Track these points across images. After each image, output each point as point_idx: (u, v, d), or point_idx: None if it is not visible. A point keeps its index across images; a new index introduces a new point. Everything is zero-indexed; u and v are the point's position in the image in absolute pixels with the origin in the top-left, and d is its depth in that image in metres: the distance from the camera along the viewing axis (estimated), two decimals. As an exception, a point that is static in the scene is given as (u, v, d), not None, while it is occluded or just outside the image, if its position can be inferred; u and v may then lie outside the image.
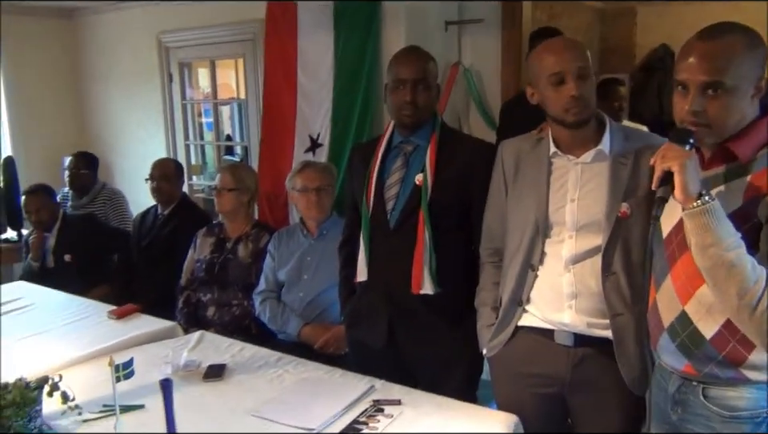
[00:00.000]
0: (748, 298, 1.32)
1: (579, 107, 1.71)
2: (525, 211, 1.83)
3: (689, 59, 1.44)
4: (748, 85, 1.42)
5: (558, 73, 1.71)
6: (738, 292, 1.33)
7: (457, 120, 3.63)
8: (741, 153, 1.44)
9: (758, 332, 1.35)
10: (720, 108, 1.42)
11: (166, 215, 3.57)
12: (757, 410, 1.45)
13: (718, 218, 1.35)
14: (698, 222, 1.37)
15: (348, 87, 3.45)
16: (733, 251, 1.34)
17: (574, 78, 1.69)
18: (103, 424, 1.76)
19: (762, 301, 1.31)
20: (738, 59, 1.40)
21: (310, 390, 1.96)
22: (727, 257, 1.33)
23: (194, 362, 2.14)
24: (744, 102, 1.43)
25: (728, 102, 1.41)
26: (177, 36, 4.43)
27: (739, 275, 1.32)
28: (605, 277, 1.73)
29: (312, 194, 2.78)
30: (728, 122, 1.43)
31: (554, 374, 1.82)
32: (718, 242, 1.34)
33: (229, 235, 3.11)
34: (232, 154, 6.09)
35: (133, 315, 2.64)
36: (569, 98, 1.70)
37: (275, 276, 2.86)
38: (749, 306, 1.32)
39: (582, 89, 1.69)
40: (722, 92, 1.41)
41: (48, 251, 3.67)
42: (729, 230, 1.36)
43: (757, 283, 1.31)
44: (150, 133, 4.76)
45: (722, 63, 1.40)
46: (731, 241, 1.35)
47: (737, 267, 1.33)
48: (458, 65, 3.56)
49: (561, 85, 1.71)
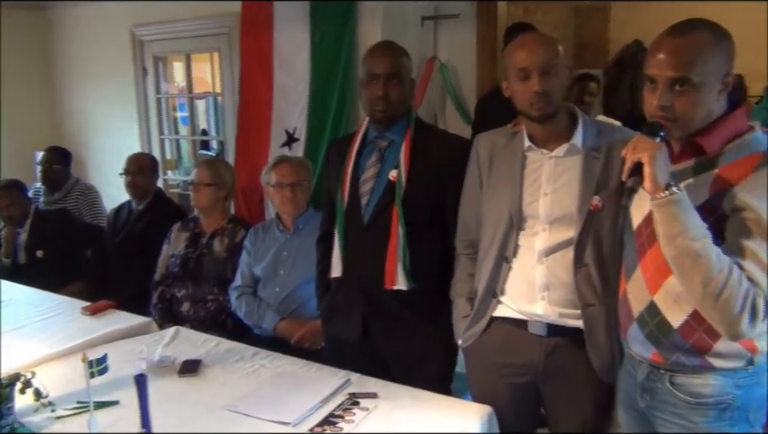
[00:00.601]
0: (712, 286, 1.35)
1: (542, 102, 1.74)
2: (499, 205, 1.86)
3: (657, 55, 1.47)
4: (714, 81, 1.45)
5: (524, 68, 1.74)
6: (703, 281, 1.36)
7: (433, 115, 3.64)
8: (708, 147, 1.48)
9: (721, 320, 1.39)
10: (687, 103, 1.45)
11: (140, 210, 3.54)
12: (721, 396, 1.49)
13: (685, 208, 1.39)
14: (665, 212, 1.40)
15: (324, 82, 3.45)
16: (698, 241, 1.37)
17: (538, 74, 1.72)
18: (77, 421, 1.74)
19: (725, 290, 1.34)
20: (704, 55, 1.43)
21: (286, 384, 1.96)
22: (693, 247, 1.37)
23: (169, 358, 2.13)
24: (711, 98, 1.46)
25: (695, 97, 1.44)
26: (151, 29, 4.38)
27: (704, 264, 1.36)
28: (576, 269, 1.76)
29: (287, 189, 2.77)
30: (695, 116, 1.46)
31: (528, 363, 1.85)
32: (684, 232, 1.38)
33: (204, 229, 3.09)
34: (208, 148, 6.06)
35: (107, 311, 2.62)
36: (532, 93, 1.73)
37: (251, 271, 2.86)
38: (713, 294, 1.36)
39: (545, 85, 1.72)
40: (688, 87, 1.44)
41: (20, 247, 3.62)
42: (695, 220, 1.39)
43: (721, 272, 1.35)
44: (124, 127, 4.71)
45: (689, 59, 1.43)
46: (697, 231, 1.38)
47: (702, 257, 1.36)
48: (434, 60, 3.57)
49: (526, 80, 1.74)
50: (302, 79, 3.53)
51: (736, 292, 1.34)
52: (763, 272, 1.36)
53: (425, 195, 2.09)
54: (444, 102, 3.68)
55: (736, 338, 1.42)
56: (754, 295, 1.35)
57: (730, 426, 1.50)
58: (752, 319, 1.35)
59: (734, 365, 1.49)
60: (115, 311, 2.63)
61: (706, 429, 1.51)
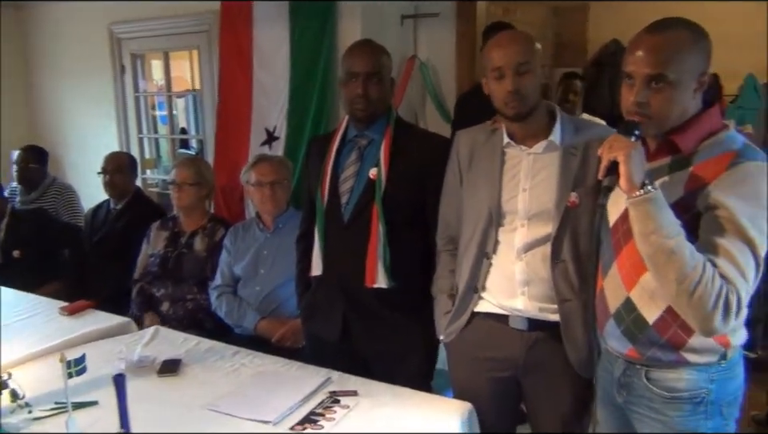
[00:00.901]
0: (686, 283, 1.37)
1: (516, 102, 1.76)
2: (479, 201, 1.88)
3: (636, 52, 1.49)
4: (690, 79, 1.47)
5: (499, 68, 1.76)
6: (677, 278, 1.38)
7: (413, 113, 3.65)
8: (683, 145, 1.50)
9: (695, 317, 1.41)
10: (662, 100, 1.47)
11: (119, 210, 3.51)
12: (696, 391, 1.52)
13: (660, 206, 1.41)
14: (640, 210, 1.42)
15: (304, 80, 3.44)
16: (673, 239, 1.39)
17: (512, 74, 1.74)
18: (55, 422, 1.73)
19: (699, 287, 1.36)
20: (681, 53, 1.45)
21: (266, 383, 1.96)
22: (667, 244, 1.39)
23: (149, 357, 2.12)
24: (686, 96, 1.48)
25: (670, 94, 1.46)
26: (129, 27, 4.34)
27: (678, 261, 1.38)
28: (554, 264, 1.79)
29: (266, 188, 2.77)
30: (670, 114, 1.48)
31: (509, 357, 1.87)
32: (658, 229, 1.40)
33: (183, 229, 3.08)
34: (187, 147, 6.01)
35: (85, 311, 2.59)
36: (506, 92, 1.75)
37: (231, 271, 2.85)
38: (687, 291, 1.38)
39: (519, 84, 1.74)
40: (664, 85, 1.46)
41: (-4, 247, 3.57)
42: (670, 218, 1.41)
43: (695, 269, 1.37)
44: (102, 125, 4.66)
45: (666, 57, 1.45)
46: (671, 229, 1.40)
47: (676, 254, 1.38)
48: (414, 59, 3.58)
49: (501, 79, 1.76)
50: (282, 77, 3.52)
51: (709, 289, 1.36)
52: (736, 270, 1.38)
53: (405, 194, 2.10)
54: (424, 101, 3.69)
55: (709, 334, 1.44)
56: (726, 292, 1.37)
57: (704, 420, 1.53)
58: (725, 316, 1.37)
59: (708, 360, 1.51)
60: (93, 311, 2.61)
61: (681, 423, 1.54)
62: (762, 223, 1.39)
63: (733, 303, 1.37)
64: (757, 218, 1.39)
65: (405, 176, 2.09)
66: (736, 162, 1.42)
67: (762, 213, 1.39)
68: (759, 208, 1.39)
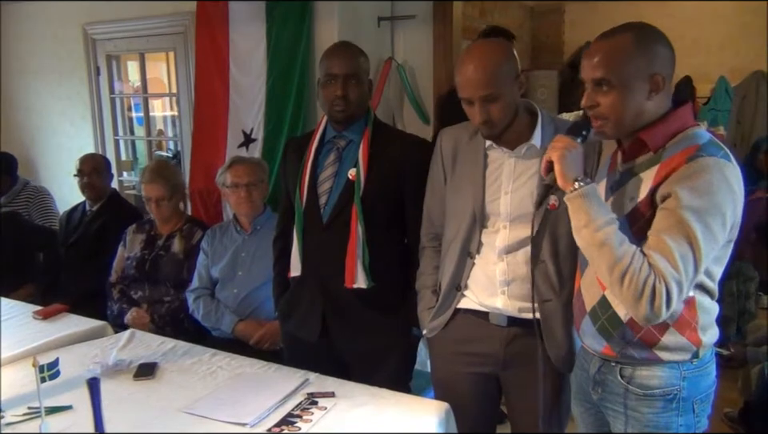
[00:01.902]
0: (615, 272, 1.42)
1: (488, 128, 1.79)
2: (463, 201, 1.90)
3: (585, 59, 1.54)
4: (639, 81, 1.49)
5: (467, 98, 1.78)
6: (608, 267, 1.43)
7: (390, 115, 3.66)
8: (650, 142, 1.53)
9: (627, 304, 1.45)
10: (610, 103, 1.51)
11: (94, 211, 3.48)
12: (668, 388, 1.54)
13: (591, 200, 1.48)
14: (574, 205, 1.50)
15: (281, 81, 3.43)
16: (602, 230, 1.45)
17: (480, 104, 1.75)
18: (28, 426, 1.71)
19: (626, 276, 1.41)
20: (623, 57, 1.48)
21: (243, 385, 1.95)
22: (598, 236, 1.45)
23: (124, 361, 2.10)
24: (638, 98, 1.50)
25: (617, 97, 1.50)
26: (104, 27, 4.29)
27: (607, 252, 1.43)
28: (534, 265, 1.81)
29: (242, 190, 2.76)
30: (622, 115, 1.52)
31: (489, 352, 1.90)
32: (590, 222, 1.46)
33: (160, 231, 3.06)
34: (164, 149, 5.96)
35: (60, 314, 2.57)
36: (478, 120, 1.78)
37: (209, 273, 2.83)
38: (617, 280, 1.42)
39: (487, 114, 1.75)
40: (608, 89, 1.50)
41: (-31, 252, 3.51)
42: (601, 211, 1.47)
43: (623, 258, 1.41)
44: (77, 127, 4.60)
45: (607, 61, 1.49)
46: (602, 221, 1.45)
47: (605, 245, 1.43)
48: (391, 60, 3.59)
49: (470, 105, 1.78)
50: (259, 78, 3.50)
51: (636, 278, 1.40)
52: (667, 261, 1.39)
53: (383, 194, 2.11)
54: (402, 103, 3.70)
55: (646, 322, 1.47)
56: (654, 281, 1.39)
57: (677, 416, 1.55)
58: (651, 304, 1.39)
59: (681, 358, 1.54)
60: (68, 314, 2.58)
61: (654, 420, 1.56)
62: (709, 218, 1.40)
63: (661, 293, 1.39)
64: (704, 212, 1.39)
65: (383, 176, 2.10)
66: (695, 156, 1.43)
67: (711, 208, 1.40)
68: (709, 203, 1.40)
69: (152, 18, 4.00)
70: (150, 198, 3.00)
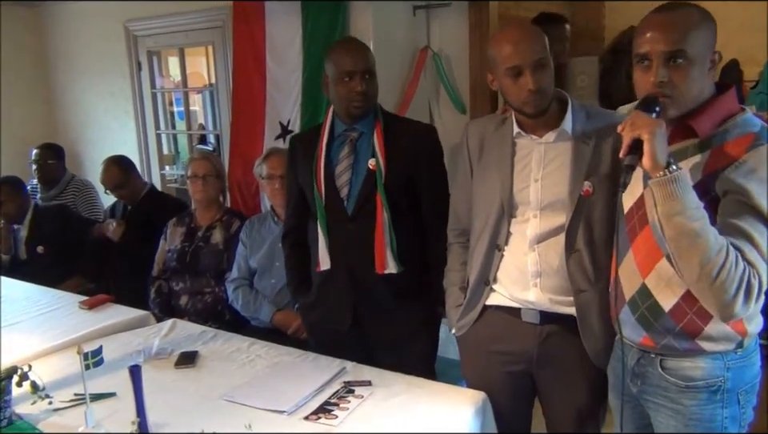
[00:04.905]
0: (710, 267, 1.34)
1: (537, 100, 1.72)
2: (490, 192, 1.86)
3: (648, 33, 1.46)
4: (705, 56, 1.45)
5: (516, 66, 1.70)
6: (701, 261, 1.35)
7: (426, 104, 3.64)
8: (700, 129, 1.47)
9: (716, 301, 1.38)
10: (683, 77, 1.44)
11: (135, 207, 3.56)
12: (712, 379, 1.50)
13: (684, 187, 1.37)
14: (664, 191, 1.38)
15: (317, 73, 3.43)
16: (697, 221, 1.36)
17: (531, 72, 1.69)
18: (74, 412, 1.76)
19: (723, 271, 1.34)
20: (695, 29, 1.43)
21: (281, 374, 1.98)
22: (691, 226, 1.35)
23: (166, 349, 2.15)
24: (703, 73, 1.46)
25: (690, 71, 1.44)
26: (144, 24, 4.37)
27: (702, 244, 1.35)
28: (568, 255, 1.76)
29: (277, 181, 2.78)
30: (690, 92, 1.46)
31: (522, 351, 1.85)
32: (683, 211, 1.36)
33: (199, 223, 3.11)
34: (205, 143, 6.05)
35: (105, 305, 2.64)
36: (527, 91, 1.70)
37: (247, 264, 2.87)
38: (709, 275, 1.35)
39: (539, 81, 1.70)
40: (683, 61, 1.43)
41: (20, 243, 3.63)
42: (694, 200, 1.38)
43: (719, 253, 1.34)
44: (120, 122, 4.71)
45: (682, 33, 1.43)
46: (696, 211, 1.37)
47: (701, 237, 1.35)
48: (427, 49, 3.56)
49: (519, 77, 1.71)
50: (295, 70, 3.52)
51: (733, 274, 1.34)
52: (758, 253, 1.35)
53: (401, 181, 2.14)
54: (437, 92, 3.67)
55: (728, 319, 1.42)
56: (749, 276, 1.34)
57: (721, 408, 1.51)
58: (746, 300, 1.35)
59: (724, 348, 1.50)
60: (113, 304, 2.65)
61: (697, 412, 1.52)
62: None
63: (755, 287, 1.35)
64: None
65: (398, 164, 2.13)
66: (755, 145, 1.40)
67: None
68: None
69: (190, 14, 4.07)
70: (198, 175, 3.05)
